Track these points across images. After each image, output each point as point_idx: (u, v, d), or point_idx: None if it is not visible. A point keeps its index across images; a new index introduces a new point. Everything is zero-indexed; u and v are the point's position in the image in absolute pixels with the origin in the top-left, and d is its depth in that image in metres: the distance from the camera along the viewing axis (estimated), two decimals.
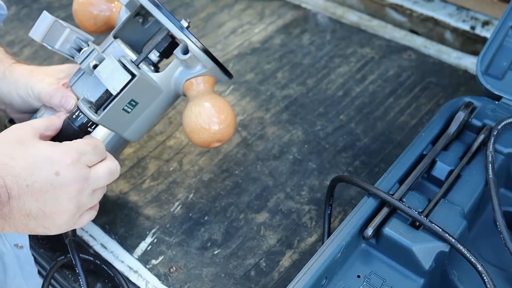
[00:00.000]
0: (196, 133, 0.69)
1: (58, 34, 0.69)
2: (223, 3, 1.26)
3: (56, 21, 0.68)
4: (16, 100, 0.72)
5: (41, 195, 0.57)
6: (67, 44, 0.70)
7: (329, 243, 0.59)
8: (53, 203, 0.58)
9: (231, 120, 0.70)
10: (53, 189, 0.58)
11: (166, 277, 0.73)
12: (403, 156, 0.69)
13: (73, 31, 0.69)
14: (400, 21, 1.19)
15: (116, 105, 0.66)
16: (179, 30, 0.68)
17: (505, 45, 0.81)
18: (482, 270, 0.56)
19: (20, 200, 0.56)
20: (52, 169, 0.58)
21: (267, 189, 0.84)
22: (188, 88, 0.73)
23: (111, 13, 0.77)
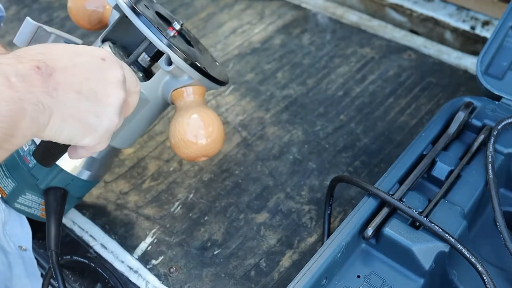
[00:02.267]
0: (181, 146, 0.66)
1: (44, 40, 0.67)
2: (223, 3, 1.26)
3: (40, 27, 0.66)
4: None
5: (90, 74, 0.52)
6: None
7: (329, 243, 0.59)
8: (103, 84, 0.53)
9: (218, 135, 0.67)
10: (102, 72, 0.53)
11: (166, 277, 0.73)
12: (403, 156, 0.69)
13: (59, 36, 0.67)
14: (400, 21, 1.19)
15: None
16: (159, 41, 0.64)
17: (505, 45, 0.81)
18: (482, 270, 0.56)
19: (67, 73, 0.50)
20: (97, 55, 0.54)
21: (267, 189, 0.84)
22: (176, 98, 0.69)
23: (105, 10, 0.75)
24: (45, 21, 1.21)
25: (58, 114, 0.50)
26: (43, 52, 0.50)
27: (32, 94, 0.47)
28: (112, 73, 0.54)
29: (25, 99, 0.46)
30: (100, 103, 0.53)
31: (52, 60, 0.50)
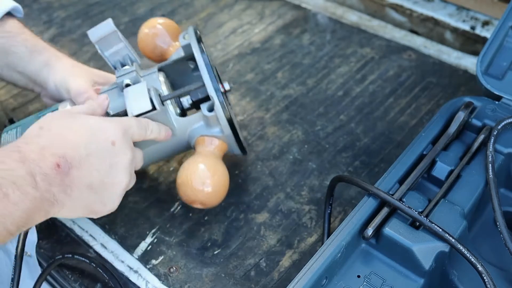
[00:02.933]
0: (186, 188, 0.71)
1: (112, 43, 0.72)
2: (223, 3, 1.26)
3: (116, 31, 0.71)
4: (51, 86, 0.75)
5: (100, 165, 0.58)
6: (116, 56, 0.73)
7: (329, 243, 0.59)
8: (111, 173, 0.59)
9: (221, 191, 0.73)
10: (111, 158, 0.59)
11: (166, 277, 0.73)
12: (403, 156, 0.69)
13: (126, 47, 0.73)
14: (400, 21, 1.19)
15: None
16: (212, 87, 0.70)
17: (505, 45, 0.81)
18: (482, 270, 0.56)
19: (81, 169, 0.56)
20: (109, 138, 0.59)
21: (267, 189, 0.84)
22: (199, 144, 0.75)
23: (169, 48, 0.82)
24: (45, 21, 1.21)
25: (68, 206, 0.56)
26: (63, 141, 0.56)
27: (50, 193, 0.53)
28: (120, 159, 0.60)
29: (44, 198, 0.52)
30: (106, 192, 0.60)
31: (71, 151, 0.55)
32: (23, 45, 0.76)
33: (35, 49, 0.76)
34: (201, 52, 0.72)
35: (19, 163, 0.51)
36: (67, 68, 0.76)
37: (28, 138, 0.56)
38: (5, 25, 0.75)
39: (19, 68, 0.76)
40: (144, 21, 0.96)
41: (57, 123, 0.58)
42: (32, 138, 0.55)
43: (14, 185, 0.49)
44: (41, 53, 0.76)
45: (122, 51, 0.73)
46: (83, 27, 1.19)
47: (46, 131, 0.57)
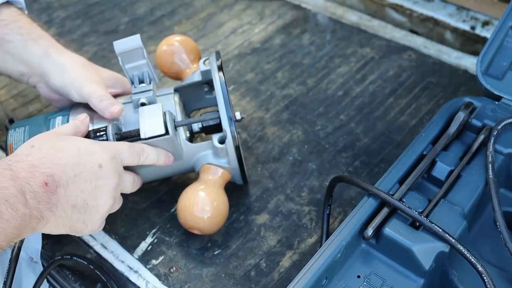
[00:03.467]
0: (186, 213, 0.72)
1: (135, 58, 0.73)
2: (223, 3, 1.26)
3: (141, 48, 0.72)
4: (55, 81, 0.74)
5: (86, 186, 0.60)
6: (136, 71, 0.74)
7: (329, 243, 0.59)
8: (95, 195, 0.61)
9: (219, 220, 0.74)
10: (96, 180, 0.61)
11: (166, 277, 0.73)
12: (403, 156, 0.69)
13: (147, 65, 0.74)
14: (400, 21, 1.19)
15: None
16: (226, 121, 0.71)
17: (505, 45, 0.81)
18: (482, 270, 0.56)
19: (67, 189, 0.58)
20: (96, 161, 0.61)
21: (267, 191, 0.84)
22: (204, 171, 0.76)
23: (186, 69, 0.83)
24: (45, 21, 1.21)
25: (52, 223, 0.58)
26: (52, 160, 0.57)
27: (38, 210, 0.55)
28: (106, 182, 0.62)
29: (32, 215, 0.54)
30: (89, 213, 0.61)
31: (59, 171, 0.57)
32: (17, 33, 0.74)
33: (30, 37, 0.74)
34: (220, 83, 0.72)
35: (10, 181, 0.53)
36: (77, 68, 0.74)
37: (19, 156, 0.57)
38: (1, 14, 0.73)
39: (15, 57, 0.74)
40: (144, 21, 0.96)
41: (48, 143, 0.60)
42: (23, 156, 0.57)
43: (7, 203, 0.51)
44: (36, 42, 0.74)
45: (143, 68, 0.74)
46: (83, 27, 1.19)
47: (37, 150, 0.58)
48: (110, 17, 1.22)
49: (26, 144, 0.60)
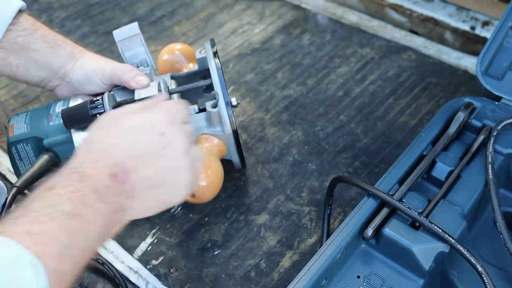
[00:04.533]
0: None
1: (134, 46, 0.77)
2: (223, 3, 1.26)
3: (139, 34, 0.76)
4: (79, 78, 0.75)
5: (155, 160, 0.56)
6: (135, 59, 0.77)
7: (329, 244, 0.59)
8: (169, 164, 0.57)
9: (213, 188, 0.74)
10: (163, 149, 0.57)
11: (166, 278, 0.73)
12: (403, 156, 0.69)
13: (146, 52, 0.77)
14: (400, 21, 1.19)
15: None
16: (218, 83, 0.72)
17: (505, 45, 0.81)
18: (482, 270, 0.56)
19: (138, 172, 0.55)
20: (155, 131, 0.57)
21: (267, 192, 0.84)
22: (200, 141, 0.76)
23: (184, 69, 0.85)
24: (45, 21, 1.20)
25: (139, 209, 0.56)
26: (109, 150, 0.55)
27: (117, 203, 0.53)
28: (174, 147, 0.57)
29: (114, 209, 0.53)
30: (171, 182, 0.58)
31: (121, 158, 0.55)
32: (44, 41, 0.76)
33: (56, 44, 0.77)
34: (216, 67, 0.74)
35: (80, 182, 0.51)
36: (97, 59, 0.77)
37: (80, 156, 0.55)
38: (20, 23, 0.75)
39: (39, 64, 0.76)
40: (144, 21, 0.96)
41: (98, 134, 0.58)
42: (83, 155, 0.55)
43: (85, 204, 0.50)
44: (63, 47, 0.77)
45: (141, 55, 0.77)
46: (83, 27, 1.19)
47: (92, 144, 0.56)
48: (110, 17, 1.22)
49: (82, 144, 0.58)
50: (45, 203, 0.48)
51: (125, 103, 0.70)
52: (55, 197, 0.49)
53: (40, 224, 0.46)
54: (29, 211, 0.47)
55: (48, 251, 0.44)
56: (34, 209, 0.47)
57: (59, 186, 0.50)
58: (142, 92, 0.71)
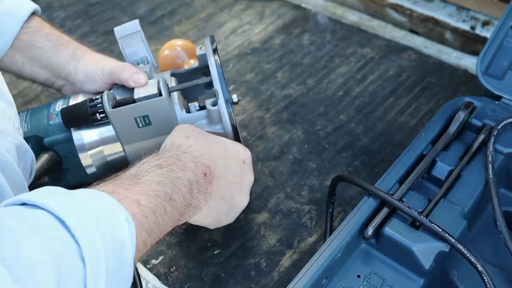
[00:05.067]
0: None
1: (134, 43, 0.76)
2: (223, 3, 1.26)
3: (139, 32, 0.76)
4: (82, 78, 0.76)
5: (233, 179, 0.64)
6: (135, 56, 0.77)
7: (329, 243, 0.59)
8: (239, 189, 0.65)
9: None
10: (241, 175, 0.65)
11: (166, 277, 0.73)
12: (403, 156, 0.69)
13: (146, 49, 0.77)
14: (400, 21, 1.19)
15: (130, 109, 0.69)
16: (218, 81, 0.71)
17: (505, 45, 0.81)
18: (482, 270, 0.56)
19: (220, 181, 0.62)
20: (240, 157, 0.66)
21: (267, 189, 0.84)
22: None
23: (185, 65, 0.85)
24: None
25: (204, 212, 0.61)
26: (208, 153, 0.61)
27: (197, 200, 0.58)
28: (247, 178, 0.67)
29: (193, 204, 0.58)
30: (233, 206, 0.66)
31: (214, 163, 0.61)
32: (47, 40, 0.77)
33: (60, 42, 0.77)
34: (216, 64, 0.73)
35: (182, 171, 0.56)
36: (98, 58, 0.77)
37: (182, 146, 0.60)
38: (27, 22, 0.76)
39: (43, 62, 0.77)
40: (144, 21, 0.96)
41: (199, 136, 0.63)
42: (185, 147, 0.60)
43: (180, 192, 0.55)
44: (66, 46, 0.77)
45: (142, 52, 0.77)
46: (83, 27, 1.19)
47: (193, 142, 0.62)
48: (110, 17, 1.22)
49: (179, 134, 0.63)
50: (154, 180, 0.53)
51: (125, 102, 0.70)
52: (162, 177, 0.54)
53: (147, 198, 0.50)
54: (141, 182, 0.52)
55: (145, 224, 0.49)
56: (145, 182, 0.52)
57: (166, 168, 0.55)
58: (142, 91, 0.71)
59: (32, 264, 0.37)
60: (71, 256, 0.40)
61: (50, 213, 0.41)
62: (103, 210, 0.45)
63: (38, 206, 0.42)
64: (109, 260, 0.42)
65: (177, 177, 0.55)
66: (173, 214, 0.54)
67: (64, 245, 0.40)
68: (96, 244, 0.42)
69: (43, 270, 0.37)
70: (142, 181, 0.52)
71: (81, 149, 0.73)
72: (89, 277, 0.40)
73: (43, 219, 0.41)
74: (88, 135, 0.73)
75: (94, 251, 0.41)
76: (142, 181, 0.52)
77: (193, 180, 0.57)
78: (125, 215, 0.46)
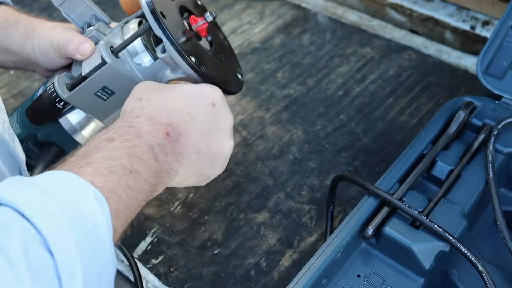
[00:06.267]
0: None
1: (76, 5, 0.68)
2: (223, 3, 1.26)
3: None
4: (40, 58, 0.70)
5: (205, 128, 0.57)
6: (83, 18, 0.69)
7: (329, 243, 0.59)
8: (216, 136, 0.58)
9: None
10: (213, 120, 0.58)
11: (166, 277, 0.73)
12: (403, 155, 0.69)
13: (90, 7, 0.69)
14: (400, 21, 1.19)
15: (85, 88, 0.63)
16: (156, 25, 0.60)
17: (505, 45, 0.81)
18: (483, 269, 0.56)
19: (189, 135, 0.55)
20: (208, 101, 0.58)
21: (267, 189, 0.84)
22: None
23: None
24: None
25: (182, 174, 0.56)
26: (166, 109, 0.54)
27: (166, 163, 0.53)
28: (223, 120, 0.59)
29: (163, 169, 0.52)
30: (214, 155, 0.58)
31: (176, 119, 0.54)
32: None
33: (9, 24, 0.70)
34: None
35: (137, 138, 0.51)
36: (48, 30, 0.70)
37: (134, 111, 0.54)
38: None
39: (2, 47, 0.71)
40: None
41: (154, 94, 0.56)
42: (138, 110, 0.54)
43: (141, 160, 0.50)
44: (16, 27, 0.70)
45: (87, 12, 0.69)
46: None
47: (146, 102, 0.55)
48: (110, 16, 1.22)
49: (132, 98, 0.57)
50: (106, 155, 0.48)
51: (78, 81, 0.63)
52: (115, 151, 0.49)
53: (102, 177, 0.46)
54: (91, 162, 0.47)
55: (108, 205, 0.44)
56: (96, 160, 0.47)
57: (118, 139, 0.50)
58: (87, 64, 0.62)
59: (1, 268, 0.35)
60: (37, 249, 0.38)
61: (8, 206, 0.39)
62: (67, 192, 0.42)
63: None
64: (81, 244, 0.40)
65: (133, 146, 0.50)
66: (140, 187, 0.49)
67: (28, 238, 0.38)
68: (62, 230, 0.39)
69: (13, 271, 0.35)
70: (92, 160, 0.47)
71: (74, 132, 0.69)
72: (61, 267, 0.38)
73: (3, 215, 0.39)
74: (74, 116, 0.68)
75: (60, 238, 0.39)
76: (93, 160, 0.47)
77: (154, 143, 0.52)
78: (93, 192, 0.43)
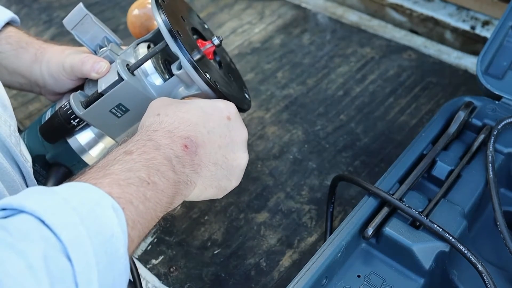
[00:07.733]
0: None
1: (88, 28, 0.70)
2: (223, 3, 1.26)
3: (88, 15, 0.69)
4: (49, 81, 0.72)
5: (221, 140, 0.59)
6: (95, 41, 0.71)
7: (329, 243, 0.59)
8: (232, 149, 0.60)
9: None
10: (229, 133, 0.60)
11: (166, 277, 0.73)
12: (403, 156, 0.69)
13: (102, 29, 0.70)
14: (400, 21, 1.19)
15: (101, 105, 0.64)
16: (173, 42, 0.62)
17: (505, 45, 0.81)
18: (482, 269, 0.56)
19: (206, 147, 0.57)
20: (223, 114, 0.60)
21: (267, 189, 0.84)
22: None
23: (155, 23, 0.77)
24: (45, 21, 1.21)
25: (200, 185, 0.57)
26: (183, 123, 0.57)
27: (184, 175, 0.54)
28: (238, 134, 0.61)
29: (181, 181, 0.54)
30: (230, 167, 0.60)
31: (193, 132, 0.57)
32: (6, 43, 0.72)
33: (20, 46, 0.72)
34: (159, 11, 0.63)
35: (155, 150, 0.53)
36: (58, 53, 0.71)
37: (152, 125, 0.57)
38: None
39: (10, 69, 0.73)
40: None
41: (171, 108, 0.59)
42: (156, 124, 0.56)
43: (159, 172, 0.51)
44: (26, 49, 0.72)
45: (99, 34, 0.70)
46: None
47: (164, 117, 0.57)
48: (110, 17, 1.22)
49: (150, 113, 0.59)
50: (124, 167, 0.49)
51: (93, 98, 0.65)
52: (133, 163, 0.50)
53: (120, 188, 0.47)
54: (110, 173, 0.48)
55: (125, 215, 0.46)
56: (114, 172, 0.48)
57: (136, 152, 0.52)
58: (104, 81, 0.64)
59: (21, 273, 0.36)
60: (57, 256, 0.39)
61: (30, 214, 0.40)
62: (86, 202, 0.43)
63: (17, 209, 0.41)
64: (98, 253, 0.41)
65: (151, 158, 0.52)
66: (158, 198, 0.50)
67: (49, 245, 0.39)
68: (82, 239, 0.40)
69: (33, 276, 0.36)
70: (111, 171, 0.48)
71: (82, 152, 0.71)
72: (79, 275, 0.39)
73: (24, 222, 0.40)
74: (83, 137, 0.70)
75: (79, 247, 0.40)
76: (111, 171, 0.49)
77: (172, 156, 0.53)
78: (111, 203, 0.44)
